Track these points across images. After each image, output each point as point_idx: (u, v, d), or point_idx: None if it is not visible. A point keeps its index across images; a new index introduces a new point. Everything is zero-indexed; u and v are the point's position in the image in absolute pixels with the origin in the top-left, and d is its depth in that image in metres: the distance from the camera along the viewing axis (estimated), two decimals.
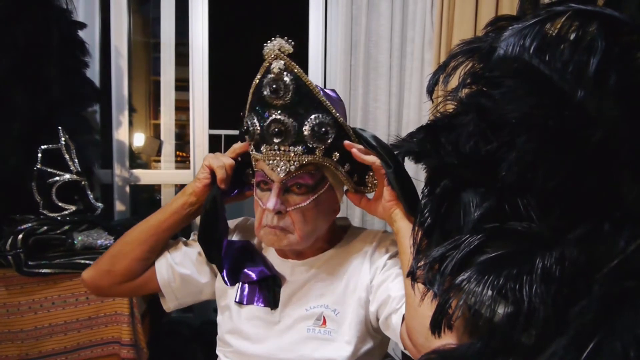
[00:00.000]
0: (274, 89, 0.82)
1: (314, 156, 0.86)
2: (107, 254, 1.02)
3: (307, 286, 0.97)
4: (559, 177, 0.59)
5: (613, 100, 0.52)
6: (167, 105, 2.15)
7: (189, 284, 1.04)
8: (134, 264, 1.00)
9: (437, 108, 0.89)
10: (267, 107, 0.85)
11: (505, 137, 0.67)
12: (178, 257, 1.04)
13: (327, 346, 0.91)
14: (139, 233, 1.01)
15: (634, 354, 0.44)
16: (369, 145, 0.91)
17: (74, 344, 1.60)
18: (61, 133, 1.59)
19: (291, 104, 0.83)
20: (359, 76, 2.02)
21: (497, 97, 0.69)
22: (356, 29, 2.02)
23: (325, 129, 0.85)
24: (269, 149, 0.86)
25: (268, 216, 0.88)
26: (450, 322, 0.63)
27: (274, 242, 0.91)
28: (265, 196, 0.90)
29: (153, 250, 1.01)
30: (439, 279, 0.66)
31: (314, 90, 0.84)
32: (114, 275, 1.00)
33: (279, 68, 0.81)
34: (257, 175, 0.91)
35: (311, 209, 0.89)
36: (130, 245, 1.00)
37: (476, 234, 0.63)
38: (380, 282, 0.91)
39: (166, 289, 1.03)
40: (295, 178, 0.87)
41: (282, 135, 0.84)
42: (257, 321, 0.97)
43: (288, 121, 0.83)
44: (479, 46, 0.75)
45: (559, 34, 0.59)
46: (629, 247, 0.51)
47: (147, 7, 2.55)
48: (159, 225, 1.00)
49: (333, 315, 0.93)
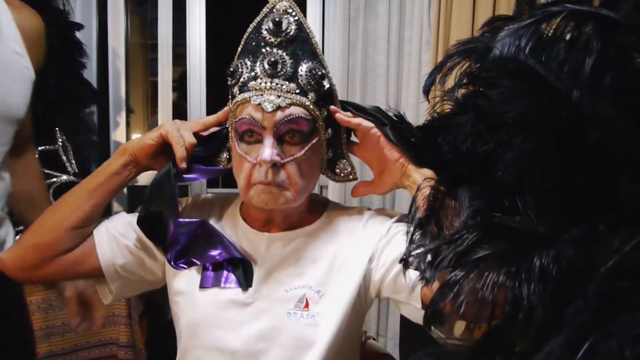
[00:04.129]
0: (276, 22, 0.77)
1: (306, 99, 0.79)
2: (34, 226, 0.85)
3: (285, 263, 0.85)
4: (556, 177, 0.59)
5: (609, 101, 0.52)
6: (165, 106, 2.15)
7: (137, 261, 0.89)
8: (67, 234, 0.83)
9: (434, 108, 0.90)
10: (263, 45, 0.79)
11: (501, 137, 0.67)
12: (122, 228, 0.88)
13: (310, 331, 0.81)
14: (72, 198, 0.85)
15: (630, 353, 0.44)
16: (357, 109, 0.87)
17: (71, 346, 1.60)
18: (58, 134, 1.59)
19: (289, 42, 0.79)
20: (357, 77, 2.02)
21: (494, 97, 0.69)
22: (354, 30, 2.02)
23: (321, 73, 0.80)
24: (259, 83, 0.77)
25: (260, 171, 0.78)
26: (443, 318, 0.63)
27: (268, 201, 0.79)
28: (253, 149, 0.79)
29: (89, 218, 0.85)
30: (432, 271, 0.65)
31: (313, 38, 0.81)
32: (42, 249, 0.82)
33: (284, 7, 0.79)
34: (242, 124, 0.79)
35: (306, 161, 0.81)
36: (61, 213, 0.84)
37: (472, 230, 0.63)
38: (384, 245, 0.84)
39: (108, 267, 0.86)
40: (288, 122, 0.77)
41: (276, 66, 0.76)
42: (227, 305, 0.83)
43: (285, 56, 0.78)
44: (476, 46, 0.75)
45: (555, 34, 0.59)
46: (625, 247, 0.51)
47: (145, 8, 2.55)
48: (96, 188, 0.85)
49: (317, 297, 0.82)
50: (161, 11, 2.11)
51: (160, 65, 2.12)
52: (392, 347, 2.05)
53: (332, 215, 0.92)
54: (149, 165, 0.88)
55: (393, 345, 2.06)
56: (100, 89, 2.08)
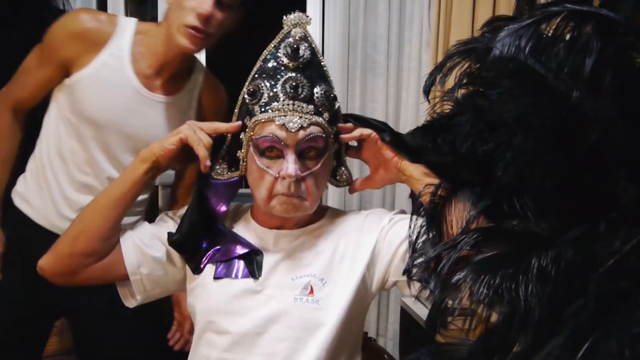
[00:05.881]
0: (294, 49, 0.86)
1: (322, 119, 0.88)
2: (66, 235, 0.91)
3: (292, 256, 0.93)
4: (556, 177, 0.59)
5: (609, 101, 0.53)
6: None
7: (160, 270, 0.95)
8: (98, 244, 0.90)
9: (434, 108, 0.90)
10: (281, 69, 0.88)
11: (501, 137, 0.67)
12: (146, 238, 0.94)
13: (316, 314, 0.88)
14: (100, 209, 0.91)
15: (630, 353, 0.44)
16: (357, 120, 0.96)
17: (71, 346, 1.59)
18: None
19: (306, 66, 0.88)
20: (357, 77, 2.02)
21: (494, 98, 0.69)
22: (354, 30, 2.02)
23: (333, 95, 0.91)
24: (282, 105, 0.85)
25: (284, 184, 0.85)
26: (446, 321, 0.63)
27: (288, 210, 0.87)
28: (274, 164, 0.87)
29: (117, 227, 0.93)
30: (435, 278, 0.66)
31: (324, 64, 0.91)
32: (76, 258, 0.90)
33: (300, 35, 0.88)
34: (264, 141, 0.86)
35: (320, 173, 0.90)
36: (91, 224, 0.90)
37: (472, 233, 0.63)
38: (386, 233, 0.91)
39: (134, 276, 0.93)
40: (309, 140, 0.86)
41: (297, 89, 0.85)
42: (239, 293, 0.90)
43: (303, 79, 0.86)
44: (475, 47, 0.75)
45: (555, 34, 0.59)
46: (625, 247, 0.51)
47: (145, 8, 2.55)
48: (121, 197, 0.91)
49: (320, 284, 0.90)
50: (161, 11, 2.11)
51: None
52: (392, 347, 2.05)
53: (333, 216, 1.01)
54: (168, 167, 0.95)
55: (393, 345, 2.06)
56: None
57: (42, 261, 0.91)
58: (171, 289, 1.01)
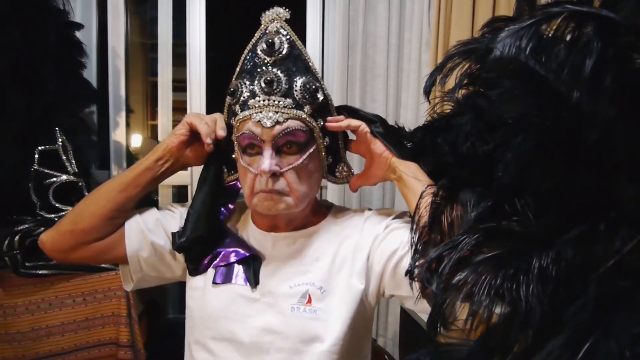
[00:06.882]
0: (269, 43, 0.84)
1: (302, 112, 0.85)
2: (71, 212, 0.92)
3: (290, 262, 0.92)
4: (556, 177, 0.59)
5: (609, 101, 0.53)
6: (165, 106, 2.15)
7: (159, 256, 0.95)
8: (100, 223, 0.90)
9: (434, 109, 0.90)
10: (259, 65, 0.85)
11: (501, 138, 0.67)
12: (151, 224, 0.95)
13: (313, 324, 0.86)
14: (107, 190, 0.92)
15: (630, 353, 0.44)
16: (350, 112, 0.94)
17: (71, 346, 1.60)
18: (58, 134, 1.59)
19: (283, 60, 0.85)
20: (357, 77, 2.02)
21: (494, 98, 0.69)
22: (354, 31, 2.03)
23: (315, 87, 0.87)
24: (257, 101, 0.84)
25: (261, 180, 0.85)
26: (447, 322, 0.63)
27: (270, 207, 0.86)
28: (254, 161, 0.86)
29: (122, 209, 0.92)
30: (436, 279, 0.66)
31: (305, 54, 0.87)
32: (77, 235, 0.90)
33: (275, 28, 0.86)
34: (243, 138, 0.86)
35: (304, 168, 0.87)
36: (97, 203, 0.91)
37: (473, 233, 0.63)
38: (379, 244, 0.89)
39: (133, 258, 0.93)
40: (286, 135, 0.84)
41: (272, 84, 0.83)
42: (237, 299, 0.90)
43: (280, 74, 0.84)
44: (476, 47, 0.75)
45: (555, 35, 0.59)
46: (625, 247, 0.51)
47: (145, 7, 2.55)
48: (130, 181, 0.92)
49: (319, 293, 0.87)
50: (161, 11, 2.11)
51: (160, 65, 2.12)
52: (392, 347, 2.05)
53: (334, 217, 0.98)
54: (180, 156, 0.95)
55: (393, 345, 2.06)
56: (100, 89, 2.08)
57: (44, 236, 0.92)
58: (167, 277, 1.01)
